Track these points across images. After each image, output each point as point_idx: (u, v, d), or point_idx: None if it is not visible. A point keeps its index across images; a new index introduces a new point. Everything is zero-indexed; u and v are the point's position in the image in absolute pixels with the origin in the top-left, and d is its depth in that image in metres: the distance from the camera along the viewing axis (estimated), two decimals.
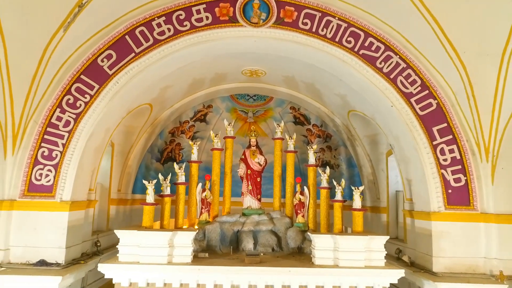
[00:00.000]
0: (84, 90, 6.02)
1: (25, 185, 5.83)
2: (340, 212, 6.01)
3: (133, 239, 5.20)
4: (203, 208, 6.52)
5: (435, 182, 6.09)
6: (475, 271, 5.92)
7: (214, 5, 6.21)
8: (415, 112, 6.22)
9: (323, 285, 5.22)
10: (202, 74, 7.64)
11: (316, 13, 6.24)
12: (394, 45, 6.26)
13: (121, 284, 5.15)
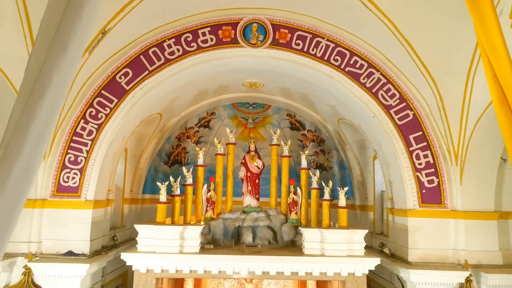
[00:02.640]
0: (105, 103, 7.02)
1: (54, 186, 6.84)
2: (327, 209, 6.99)
3: (149, 232, 6.22)
4: (208, 206, 7.49)
5: (411, 184, 7.06)
6: (445, 261, 6.88)
7: (217, 28, 7.19)
8: (394, 122, 7.19)
9: (311, 271, 6.23)
10: (206, 86, 8.63)
11: (307, 35, 7.21)
12: (376, 63, 7.22)
13: (139, 271, 6.17)
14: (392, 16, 6.41)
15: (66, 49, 1.42)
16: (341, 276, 6.26)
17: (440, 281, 6.51)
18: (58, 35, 1.39)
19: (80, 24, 1.42)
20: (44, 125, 1.43)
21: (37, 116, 1.39)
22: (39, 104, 1.39)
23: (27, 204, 6.52)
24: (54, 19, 1.44)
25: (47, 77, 1.39)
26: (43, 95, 1.39)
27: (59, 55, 1.39)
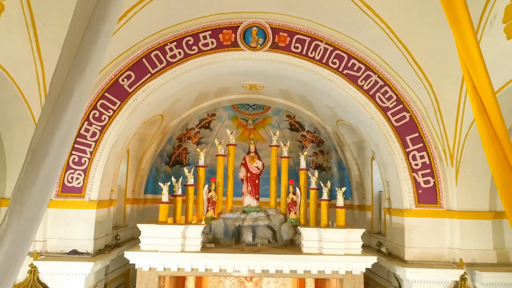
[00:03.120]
0: (108, 105, 7.21)
1: (59, 187, 7.03)
2: (326, 209, 7.18)
3: (152, 232, 6.42)
4: (209, 206, 7.69)
5: (407, 184, 7.25)
6: (441, 259, 7.07)
7: (218, 32, 7.39)
8: (391, 123, 7.38)
9: (310, 269, 6.43)
10: (207, 88, 8.83)
11: (306, 38, 7.40)
12: (373, 66, 7.41)
13: (142, 269, 6.37)
14: (388, 20, 6.61)
15: (86, 67, 1.61)
16: (339, 274, 6.46)
17: (436, 279, 6.71)
18: (78, 55, 1.58)
19: (97, 45, 1.61)
20: (66, 133, 1.63)
21: (60, 125, 1.59)
22: (62, 114, 1.58)
23: None
24: (74, 41, 1.63)
25: (69, 91, 1.58)
26: (65, 107, 1.59)
27: (80, 73, 1.59)
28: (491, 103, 2.28)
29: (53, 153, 1.61)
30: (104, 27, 1.65)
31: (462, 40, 2.39)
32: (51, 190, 1.75)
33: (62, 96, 1.59)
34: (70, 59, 1.61)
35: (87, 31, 1.60)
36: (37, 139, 1.62)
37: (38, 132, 1.62)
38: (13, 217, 1.61)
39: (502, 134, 2.21)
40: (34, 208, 1.65)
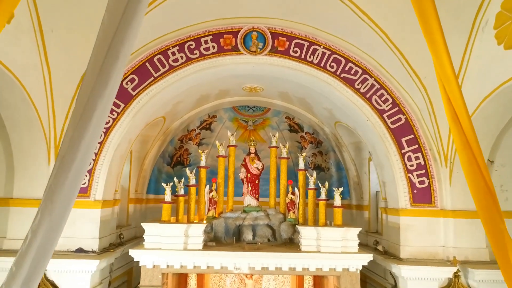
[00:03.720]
0: (112, 108, 7.45)
1: None
2: (324, 208, 7.44)
3: (156, 230, 6.68)
4: (211, 206, 7.95)
5: (403, 184, 7.50)
6: (435, 257, 7.32)
7: (219, 37, 7.64)
8: (387, 125, 7.62)
9: (308, 267, 6.69)
10: (208, 91, 9.09)
11: (305, 43, 7.65)
12: (369, 69, 7.66)
13: (146, 267, 6.63)
14: (384, 26, 6.86)
15: (107, 84, 1.86)
16: (336, 272, 6.72)
17: (430, 276, 6.96)
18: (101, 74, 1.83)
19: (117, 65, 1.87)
20: (90, 141, 1.88)
21: (85, 134, 1.84)
22: (87, 125, 1.84)
23: (35, 203, 7.01)
24: (97, 61, 1.89)
25: (93, 105, 1.83)
26: (90, 118, 1.84)
27: (102, 89, 1.84)
28: (463, 113, 2.54)
29: (79, 158, 1.87)
30: (123, 49, 1.90)
31: (438, 59, 2.65)
32: (77, 191, 2.01)
33: (87, 109, 1.85)
34: (94, 77, 1.87)
35: (108, 53, 1.86)
36: (65, 147, 1.88)
37: (66, 140, 1.88)
38: (45, 214, 1.87)
39: (472, 140, 2.47)
40: (62, 206, 1.91)
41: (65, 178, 1.86)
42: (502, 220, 2.59)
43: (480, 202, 2.55)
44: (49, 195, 1.88)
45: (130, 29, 1.89)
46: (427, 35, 2.65)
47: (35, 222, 1.88)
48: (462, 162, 2.68)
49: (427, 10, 2.49)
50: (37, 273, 1.92)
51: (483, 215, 2.62)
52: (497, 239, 2.52)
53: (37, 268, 1.90)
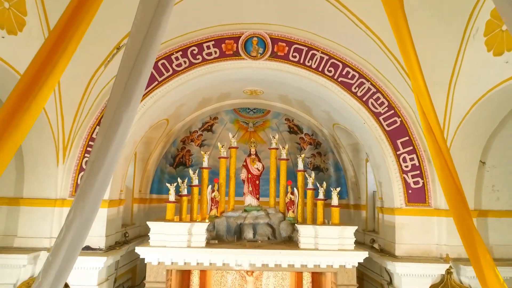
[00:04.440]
0: None
1: (72, 187, 7.60)
2: (322, 208, 7.74)
3: (161, 229, 7.01)
4: (213, 206, 8.26)
5: (398, 184, 7.81)
6: (429, 255, 7.63)
7: (221, 42, 7.96)
8: (383, 128, 7.94)
9: (306, 264, 7.02)
10: (210, 94, 9.42)
11: (303, 48, 7.97)
12: (366, 74, 7.97)
13: (151, 263, 6.96)
14: (379, 33, 7.19)
15: (131, 100, 2.18)
16: (333, 268, 7.05)
17: (424, 273, 7.27)
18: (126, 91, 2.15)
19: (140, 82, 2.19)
20: (116, 149, 2.20)
21: (112, 143, 2.16)
22: (113, 135, 2.15)
23: (48, 203, 7.39)
24: (123, 79, 2.21)
25: (118, 118, 2.15)
26: (116, 129, 2.16)
27: (127, 104, 2.16)
28: (435, 125, 2.87)
29: (106, 164, 2.19)
30: (145, 69, 2.22)
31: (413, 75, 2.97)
32: (104, 192, 2.33)
33: (113, 121, 2.17)
34: (119, 93, 2.19)
35: (132, 72, 2.18)
36: (94, 154, 2.20)
37: (95, 148, 2.20)
38: (77, 211, 2.19)
39: (444, 148, 2.80)
40: (92, 205, 2.23)
41: (95, 181, 2.19)
42: (470, 217, 2.90)
43: (451, 202, 2.88)
44: (80, 195, 2.20)
45: (150, 53, 2.21)
46: (402, 51, 2.97)
47: (69, 218, 2.20)
48: (435, 167, 3.02)
49: (402, 28, 2.80)
50: (70, 262, 2.24)
51: (454, 213, 2.94)
52: (466, 234, 2.83)
53: (70, 258, 2.22)
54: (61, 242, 2.20)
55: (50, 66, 2.25)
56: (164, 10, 2.21)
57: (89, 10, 2.42)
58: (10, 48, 6.06)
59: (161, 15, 2.21)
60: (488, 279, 2.65)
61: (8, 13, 5.86)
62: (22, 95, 2.19)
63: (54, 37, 2.32)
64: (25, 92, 2.20)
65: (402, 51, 2.98)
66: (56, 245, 2.24)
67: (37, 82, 2.23)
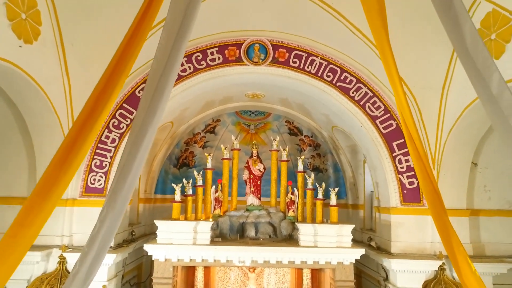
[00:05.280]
0: (126, 115, 8.17)
1: (82, 187, 8.00)
2: (321, 207, 8.12)
3: (167, 227, 7.40)
4: (216, 205, 8.65)
5: (394, 185, 8.21)
6: (423, 252, 8.02)
7: (224, 48, 8.35)
8: (379, 131, 8.33)
9: (306, 260, 7.41)
10: (213, 97, 9.82)
11: (303, 54, 8.35)
12: (363, 79, 8.37)
13: (159, 260, 7.35)
14: None
15: (155, 114, 2.58)
16: (331, 265, 7.45)
17: (418, 269, 7.67)
18: (150, 107, 2.56)
19: (162, 99, 2.59)
20: (143, 155, 2.60)
21: (139, 150, 2.55)
22: (140, 144, 2.55)
23: (60, 203, 7.75)
24: (148, 96, 2.61)
25: (145, 129, 2.54)
26: (143, 139, 2.55)
27: (151, 117, 2.56)
28: (415, 134, 3.26)
29: (134, 168, 2.58)
30: (167, 88, 2.62)
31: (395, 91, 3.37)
32: (132, 192, 2.73)
33: (140, 132, 2.56)
34: (145, 109, 2.59)
35: (155, 92, 2.58)
36: (124, 159, 2.60)
37: (125, 155, 2.60)
38: (109, 208, 2.59)
39: (423, 155, 3.20)
40: (122, 203, 2.63)
41: (124, 182, 2.58)
42: (446, 215, 3.30)
43: (429, 201, 3.27)
44: (112, 195, 2.60)
45: (172, 73, 2.61)
46: (387, 70, 3.36)
47: (102, 214, 2.60)
48: (416, 170, 3.42)
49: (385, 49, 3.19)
50: (102, 252, 2.63)
51: (432, 210, 3.34)
52: (443, 229, 3.23)
53: (102, 248, 2.62)
54: (95, 235, 2.59)
55: (88, 130, 2.63)
56: (183, 38, 2.61)
57: (120, 79, 2.77)
58: (26, 57, 6.42)
59: (181, 43, 2.60)
60: (462, 267, 3.05)
61: (25, 24, 6.23)
62: (68, 151, 2.58)
63: (88, 109, 2.70)
64: (69, 148, 2.59)
65: (386, 69, 3.37)
66: (91, 237, 2.64)
67: (79, 139, 2.60)
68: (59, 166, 2.65)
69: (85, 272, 2.58)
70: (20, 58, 6.32)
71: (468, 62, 2.55)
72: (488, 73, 2.42)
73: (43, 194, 2.60)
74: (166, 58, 2.60)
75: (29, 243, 2.66)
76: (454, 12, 2.50)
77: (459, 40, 2.52)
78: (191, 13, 2.62)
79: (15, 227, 2.58)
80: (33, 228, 2.58)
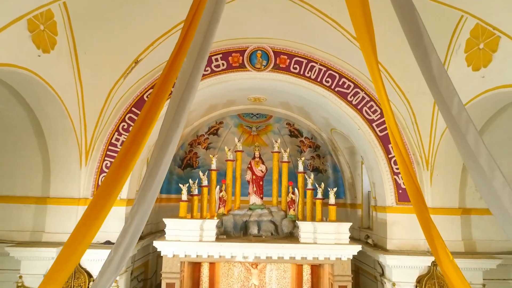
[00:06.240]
0: (135, 118, 8.67)
1: (94, 187, 8.51)
2: (320, 206, 8.63)
3: (175, 225, 7.92)
4: (221, 204, 9.16)
5: (389, 185, 8.71)
6: (417, 249, 8.52)
7: (228, 55, 8.85)
8: (375, 133, 8.84)
9: (306, 256, 7.92)
10: (216, 101, 10.34)
11: (303, 60, 8.86)
12: (360, 84, 8.87)
13: (167, 256, 7.87)
14: None
15: (179, 125, 3.09)
16: (330, 260, 7.96)
17: (412, 265, 8.18)
18: (174, 119, 3.06)
19: (184, 113, 3.09)
20: (168, 160, 3.10)
21: (165, 155, 3.06)
22: (166, 150, 3.05)
23: (72, 202, 8.30)
24: (172, 109, 3.12)
25: (169, 138, 3.05)
26: (168, 146, 3.05)
27: (175, 127, 3.07)
28: (400, 141, 3.77)
29: (161, 170, 3.09)
30: (188, 104, 3.13)
31: (383, 105, 3.87)
32: (158, 191, 3.24)
33: (166, 139, 3.07)
34: (170, 120, 3.10)
35: (178, 107, 3.09)
36: (152, 162, 3.11)
37: (153, 158, 3.11)
38: (139, 204, 3.10)
39: (407, 159, 3.70)
40: (150, 200, 3.13)
41: (152, 182, 3.09)
42: (428, 212, 3.81)
43: (413, 199, 3.77)
44: (142, 193, 3.11)
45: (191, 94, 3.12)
46: (374, 80, 3.85)
47: (133, 210, 3.11)
48: (401, 172, 3.93)
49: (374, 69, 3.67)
50: (133, 242, 3.14)
51: (415, 208, 3.85)
52: (425, 224, 3.73)
53: (133, 240, 3.13)
54: (127, 227, 3.10)
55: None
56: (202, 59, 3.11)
57: (167, 92, 3.28)
58: (44, 65, 6.92)
59: (200, 63, 3.11)
60: (441, 257, 3.57)
61: (43, 34, 6.73)
62: (123, 158, 3.10)
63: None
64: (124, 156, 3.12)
65: (373, 80, 3.85)
66: (124, 229, 3.15)
67: (133, 145, 3.10)
68: (116, 171, 3.14)
69: (119, 259, 3.09)
70: (39, 66, 6.83)
71: (434, 87, 3.07)
72: (450, 97, 2.94)
73: (105, 195, 3.10)
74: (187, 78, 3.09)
75: (91, 239, 3.18)
76: (423, 46, 3.02)
77: (427, 69, 3.04)
78: (204, 53, 3.13)
79: (81, 225, 3.08)
80: (95, 225, 3.08)
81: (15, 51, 6.14)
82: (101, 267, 3.19)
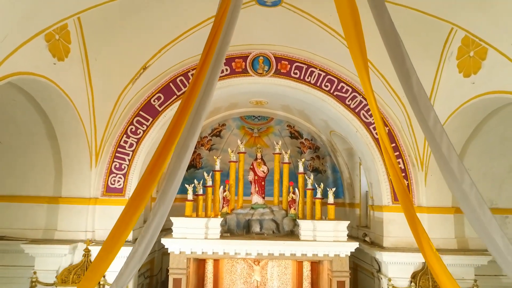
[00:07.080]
0: (142, 121, 9.18)
1: (103, 187, 9.01)
2: (319, 206, 9.12)
3: (182, 223, 8.42)
4: (224, 204, 9.66)
5: (386, 185, 9.21)
6: (412, 246, 8.89)
7: (231, 61, 9.33)
8: (373, 136, 9.32)
9: (306, 253, 8.42)
10: (220, 104, 10.82)
11: (303, 66, 9.35)
12: (358, 88, 9.35)
13: (174, 252, 8.36)
14: (368, 56, 8.56)
15: (193, 138, 3.60)
16: (329, 257, 8.46)
17: (407, 261, 8.68)
18: (190, 132, 3.56)
19: (197, 129, 3.59)
20: (185, 163, 3.60)
21: (183, 160, 3.55)
22: (183, 158, 3.56)
23: (83, 201, 8.80)
24: (190, 123, 3.63)
25: (186, 147, 3.56)
26: (184, 154, 3.56)
27: (190, 139, 3.57)
28: (389, 147, 4.27)
29: (178, 176, 3.59)
30: (203, 114, 3.64)
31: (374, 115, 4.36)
32: (176, 191, 3.75)
33: (183, 146, 3.57)
34: (187, 129, 3.60)
35: (194, 118, 3.59)
36: (170, 168, 3.61)
37: (171, 165, 3.61)
38: (161, 203, 3.59)
39: (395, 162, 4.21)
40: (168, 201, 3.63)
41: (172, 183, 3.59)
42: (413, 209, 4.32)
43: (400, 198, 4.27)
44: (163, 194, 3.61)
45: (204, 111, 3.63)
46: (364, 88, 4.33)
47: (156, 208, 3.61)
48: (390, 174, 4.43)
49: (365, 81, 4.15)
50: (154, 236, 3.64)
51: (402, 205, 4.34)
52: (411, 220, 4.22)
53: (154, 233, 3.63)
54: (150, 223, 3.60)
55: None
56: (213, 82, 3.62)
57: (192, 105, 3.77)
58: (59, 72, 7.40)
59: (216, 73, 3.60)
60: (426, 249, 4.07)
61: (58, 43, 7.21)
62: (155, 162, 3.61)
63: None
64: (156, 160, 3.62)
65: (364, 88, 4.34)
66: (147, 225, 3.65)
67: (164, 150, 3.61)
68: (150, 174, 3.63)
69: (142, 250, 3.60)
70: (54, 74, 7.31)
71: (414, 103, 3.56)
72: (427, 112, 3.44)
73: (141, 194, 3.60)
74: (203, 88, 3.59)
75: (126, 237, 3.67)
76: (406, 69, 3.50)
77: (409, 88, 3.53)
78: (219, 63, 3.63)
79: (120, 223, 3.59)
80: (131, 223, 3.59)
81: (35, 61, 6.63)
82: (126, 258, 3.68)
